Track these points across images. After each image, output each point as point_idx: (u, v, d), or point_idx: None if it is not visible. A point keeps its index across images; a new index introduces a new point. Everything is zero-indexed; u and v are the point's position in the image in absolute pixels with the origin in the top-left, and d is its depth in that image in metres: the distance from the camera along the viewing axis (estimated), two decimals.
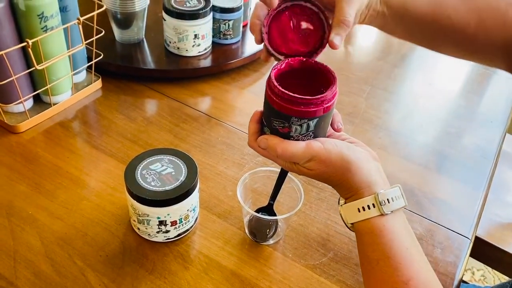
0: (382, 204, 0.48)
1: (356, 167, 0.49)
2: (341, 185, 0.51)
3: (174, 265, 0.60)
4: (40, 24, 0.70)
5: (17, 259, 0.58)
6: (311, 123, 0.48)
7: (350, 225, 0.51)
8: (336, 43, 0.49)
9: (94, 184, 0.69)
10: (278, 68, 0.49)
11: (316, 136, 0.50)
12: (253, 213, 0.60)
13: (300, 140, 0.49)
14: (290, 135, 0.49)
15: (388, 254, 0.47)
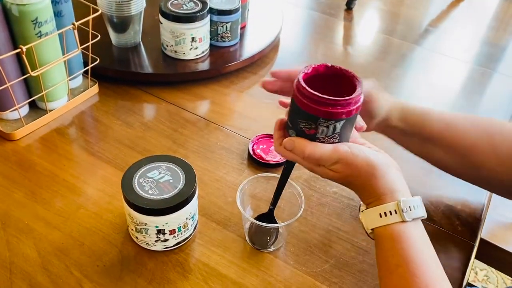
0: (404, 211, 0.49)
1: (380, 172, 0.50)
2: (364, 190, 0.52)
3: (173, 274, 0.58)
4: (34, 30, 0.69)
5: (13, 271, 0.57)
6: (337, 124, 0.49)
7: (370, 230, 0.52)
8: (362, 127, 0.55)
9: (91, 192, 0.68)
10: (305, 72, 0.51)
11: (341, 139, 0.51)
12: (253, 220, 0.59)
13: (325, 142, 0.50)
14: (316, 136, 0.50)
15: (407, 259, 0.47)
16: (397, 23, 1.24)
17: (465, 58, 1.11)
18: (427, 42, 1.16)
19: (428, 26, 1.24)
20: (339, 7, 1.25)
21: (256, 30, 1.04)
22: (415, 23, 1.24)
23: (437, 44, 1.15)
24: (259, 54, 0.97)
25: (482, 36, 1.24)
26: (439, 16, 1.31)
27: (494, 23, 1.31)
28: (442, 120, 0.61)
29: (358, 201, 0.70)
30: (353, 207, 0.69)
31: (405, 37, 1.15)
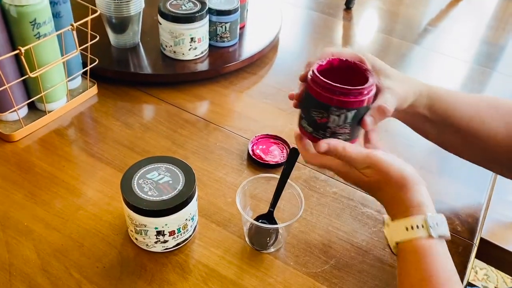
0: (431, 226, 0.48)
1: (411, 185, 0.50)
2: (393, 200, 0.51)
3: (173, 275, 0.58)
4: (33, 31, 0.69)
5: (13, 273, 0.57)
6: (349, 114, 0.50)
7: (395, 244, 0.50)
8: (368, 123, 0.52)
9: (91, 193, 0.68)
10: (320, 64, 0.52)
11: (352, 130, 0.52)
12: (252, 221, 0.59)
13: (336, 132, 0.52)
14: (327, 125, 0.51)
15: (432, 274, 0.47)
16: (396, 23, 1.24)
17: (464, 58, 1.11)
18: (426, 42, 1.16)
19: (427, 26, 1.24)
20: (338, 7, 1.25)
21: (255, 30, 1.04)
22: (414, 23, 1.24)
23: (436, 44, 1.15)
24: (258, 54, 0.97)
25: (481, 35, 1.24)
26: (438, 16, 1.31)
27: (493, 22, 1.31)
28: (469, 109, 0.60)
29: (358, 201, 0.70)
30: (352, 207, 0.69)
31: (404, 37, 1.15)
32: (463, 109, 0.60)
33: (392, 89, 0.54)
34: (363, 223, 0.67)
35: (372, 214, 0.68)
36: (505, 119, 0.59)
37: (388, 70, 0.56)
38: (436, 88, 0.60)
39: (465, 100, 0.61)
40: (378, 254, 0.63)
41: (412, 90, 0.57)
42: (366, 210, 0.69)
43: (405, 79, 0.57)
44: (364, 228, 0.66)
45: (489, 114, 0.60)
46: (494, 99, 0.62)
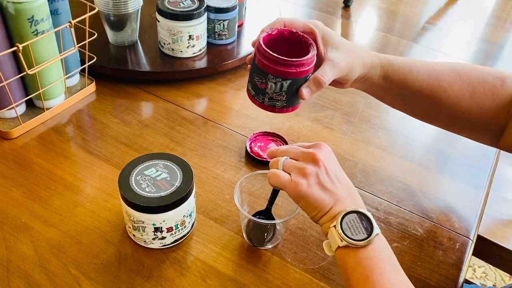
0: (345, 235, 0.49)
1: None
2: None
3: (170, 272, 0.58)
4: (31, 28, 0.69)
5: (10, 269, 0.57)
6: (284, 83, 0.54)
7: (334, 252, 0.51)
8: (304, 94, 0.55)
9: (89, 190, 0.68)
10: (269, 33, 0.55)
11: (288, 98, 0.55)
12: (250, 217, 0.59)
13: (274, 98, 0.55)
14: (265, 91, 0.55)
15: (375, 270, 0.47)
16: (394, 21, 1.24)
17: (463, 56, 1.11)
18: (424, 40, 1.16)
19: (425, 24, 1.24)
20: (336, 5, 1.25)
21: (253, 28, 1.04)
22: (413, 21, 1.24)
23: (435, 42, 1.15)
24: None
25: (479, 33, 1.24)
26: (436, 14, 1.31)
27: (492, 20, 1.31)
28: (428, 77, 0.60)
29: None
30: None
31: (403, 35, 1.15)
32: (420, 78, 0.60)
33: (334, 61, 0.56)
34: None
35: (369, 210, 0.68)
36: (469, 87, 0.59)
37: (336, 41, 0.57)
38: (391, 58, 0.61)
39: (423, 68, 0.61)
40: None
41: (360, 61, 0.59)
42: None
43: (354, 51, 0.58)
44: None
45: (451, 81, 0.60)
46: (456, 66, 0.61)
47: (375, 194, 0.71)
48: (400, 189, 0.72)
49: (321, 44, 0.57)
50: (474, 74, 0.60)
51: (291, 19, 0.57)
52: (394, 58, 0.61)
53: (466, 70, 0.60)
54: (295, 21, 0.57)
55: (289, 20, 0.57)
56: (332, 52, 0.57)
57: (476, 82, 0.59)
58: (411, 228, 0.67)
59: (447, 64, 0.62)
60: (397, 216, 0.68)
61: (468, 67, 0.61)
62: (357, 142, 0.81)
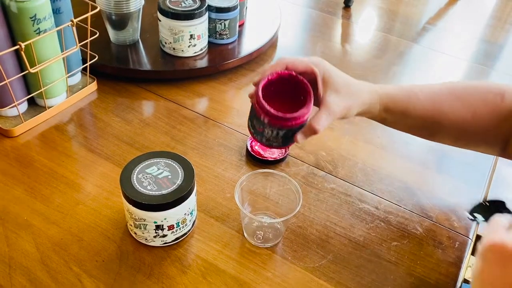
0: None
1: None
2: None
3: (171, 269, 0.59)
4: (33, 27, 0.69)
5: (12, 266, 0.58)
6: (280, 131, 0.57)
7: None
8: (298, 139, 0.57)
9: (90, 188, 0.68)
10: (269, 78, 0.57)
11: (284, 141, 0.58)
12: (251, 216, 0.60)
13: (270, 140, 0.58)
14: (263, 134, 0.58)
15: None
16: (395, 21, 1.24)
17: (463, 56, 1.11)
18: (425, 40, 1.16)
19: (426, 24, 1.24)
20: (337, 5, 1.25)
21: (254, 28, 1.05)
22: (413, 21, 1.25)
23: (435, 42, 1.16)
24: (257, 51, 0.98)
25: (480, 34, 1.24)
26: (437, 14, 1.31)
27: (492, 21, 1.32)
28: (428, 106, 0.61)
29: (355, 197, 0.70)
30: (350, 203, 0.70)
31: (403, 35, 1.15)
32: (420, 106, 0.61)
33: (330, 107, 0.57)
34: (361, 218, 0.67)
35: (369, 210, 0.69)
36: (470, 109, 0.60)
37: (336, 83, 0.58)
38: (390, 92, 0.62)
39: (422, 96, 0.61)
40: (375, 249, 0.63)
41: (359, 101, 0.60)
42: (363, 206, 0.69)
43: (354, 93, 0.59)
44: (361, 223, 0.67)
45: (451, 104, 0.60)
46: (456, 88, 0.62)
47: (375, 193, 0.72)
48: (400, 189, 0.73)
49: (320, 85, 0.58)
50: (474, 94, 0.60)
51: (293, 60, 0.58)
52: (394, 91, 0.62)
53: (465, 92, 0.61)
54: (297, 62, 0.58)
55: (291, 61, 0.58)
56: (331, 96, 0.58)
57: (476, 103, 0.60)
58: (411, 227, 0.67)
59: (447, 87, 0.62)
60: (397, 215, 0.68)
61: (467, 88, 0.62)
62: (357, 141, 0.81)
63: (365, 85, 0.61)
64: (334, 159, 0.77)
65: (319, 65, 0.59)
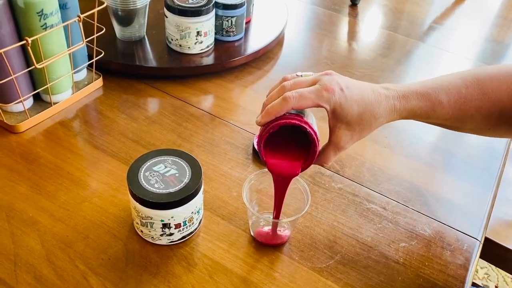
0: None
1: None
2: None
3: (178, 268, 0.58)
4: (40, 22, 0.68)
5: (18, 263, 0.57)
6: None
7: None
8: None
9: (96, 185, 0.68)
10: (270, 132, 0.53)
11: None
12: (258, 215, 0.59)
13: None
14: None
15: None
16: (401, 20, 1.23)
17: (469, 55, 1.10)
18: (431, 39, 1.16)
19: (432, 23, 1.23)
20: (343, 3, 1.24)
21: (261, 25, 1.04)
22: (419, 20, 1.24)
23: (441, 41, 1.15)
24: (264, 49, 0.97)
25: (486, 33, 1.23)
26: (443, 13, 1.30)
27: (498, 20, 1.31)
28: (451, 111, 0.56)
29: (363, 197, 0.70)
30: (357, 203, 0.69)
31: (409, 34, 1.15)
32: (444, 113, 0.56)
33: (339, 144, 0.55)
34: (368, 219, 0.67)
35: (377, 210, 0.68)
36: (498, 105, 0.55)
37: (347, 116, 0.53)
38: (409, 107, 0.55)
39: (447, 103, 0.55)
40: (383, 250, 0.63)
41: (372, 130, 0.56)
42: (371, 206, 0.69)
43: (367, 123, 0.54)
44: (369, 224, 0.66)
45: (479, 105, 0.55)
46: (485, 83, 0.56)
47: (382, 193, 0.71)
48: (407, 189, 0.72)
49: (331, 118, 0.54)
50: (504, 89, 0.55)
51: (299, 101, 0.51)
52: (416, 104, 0.55)
53: (494, 86, 0.56)
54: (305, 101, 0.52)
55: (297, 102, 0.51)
56: (341, 130, 0.54)
57: (506, 97, 0.55)
58: (419, 228, 0.66)
59: (475, 84, 0.56)
60: (405, 216, 0.68)
61: (496, 80, 0.56)
62: (364, 141, 0.80)
63: (382, 107, 0.54)
64: (341, 159, 0.76)
65: (331, 98, 0.52)
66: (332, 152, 0.56)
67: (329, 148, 0.56)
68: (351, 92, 0.53)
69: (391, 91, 0.55)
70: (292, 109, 0.52)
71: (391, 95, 0.55)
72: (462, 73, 0.58)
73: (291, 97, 0.51)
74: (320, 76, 0.54)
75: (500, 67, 0.57)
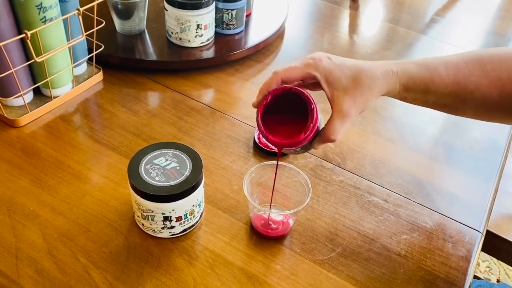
0: None
1: None
2: None
3: (179, 261, 0.58)
4: (39, 15, 0.68)
5: (19, 257, 0.57)
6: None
7: None
8: (317, 147, 0.56)
9: (97, 179, 0.68)
10: (264, 103, 0.53)
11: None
12: (259, 207, 0.59)
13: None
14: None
15: None
16: (403, 12, 1.22)
17: (471, 48, 1.10)
18: (433, 32, 1.15)
19: (434, 16, 1.23)
20: None
21: (261, 18, 1.03)
22: (421, 12, 1.23)
23: (443, 34, 1.14)
24: (264, 42, 0.97)
25: (488, 26, 1.22)
26: (445, 6, 1.29)
27: (501, 13, 1.30)
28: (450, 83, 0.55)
29: (364, 189, 0.70)
30: (359, 196, 0.69)
31: (411, 26, 1.14)
32: (443, 85, 0.55)
33: (342, 111, 0.53)
34: (370, 211, 0.67)
35: (378, 203, 0.68)
36: (498, 84, 0.54)
37: (341, 81, 0.52)
38: (407, 71, 0.55)
39: (446, 74, 0.55)
40: (385, 243, 0.63)
41: (374, 93, 0.54)
42: (372, 199, 0.69)
43: (365, 85, 0.53)
44: (370, 216, 0.66)
45: (478, 81, 0.55)
46: (483, 61, 0.55)
47: (384, 186, 0.71)
48: (409, 181, 0.72)
49: (326, 87, 0.53)
50: (504, 68, 0.55)
51: (286, 71, 0.53)
52: (414, 69, 0.55)
53: (494, 64, 0.55)
54: (291, 70, 0.53)
55: (285, 72, 0.53)
56: (340, 98, 0.52)
57: (506, 77, 0.54)
58: (421, 220, 0.66)
59: (474, 60, 0.56)
60: (407, 208, 0.68)
61: (496, 59, 0.56)
62: (365, 133, 0.81)
63: (377, 69, 0.54)
64: (343, 152, 0.76)
65: (319, 65, 0.52)
66: (338, 122, 0.53)
67: (334, 118, 0.53)
68: (341, 60, 0.54)
69: (386, 61, 0.56)
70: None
71: (386, 62, 0.56)
72: (462, 53, 0.58)
73: (279, 69, 0.53)
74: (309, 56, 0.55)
75: (501, 49, 0.57)
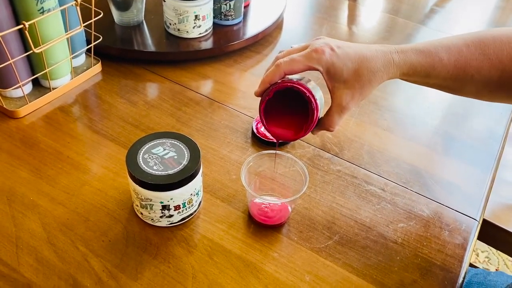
0: None
1: None
2: None
3: (178, 249, 0.59)
4: (37, 6, 0.68)
5: (19, 246, 0.58)
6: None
7: None
8: (314, 134, 0.59)
9: (96, 169, 0.68)
10: (266, 99, 0.54)
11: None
12: (257, 196, 0.59)
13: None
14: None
15: None
16: (402, 3, 1.22)
17: None
18: (432, 22, 1.15)
19: (433, 6, 1.22)
20: None
21: (259, 9, 1.03)
22: (420, 3, 1.23)
23: (443, 24, 1.14)
24: (263, 33, 0.97)
25: (488, 16, 1.22)
26: None
27: (501, 3, 1.30)
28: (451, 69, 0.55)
29: (362, 179, 0.70)
30: (356, 185, 0.69)
31: (410, 17, 1.14)
32: (445, 72, 0.55)
33: (341, 104, 0.54)
34: (367, 200, 0.67)
35: (375, 191, 0.68)
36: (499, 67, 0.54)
37: (342, 73, 0.53)
38: (408, 60, 0.54)
39: (448, 60, 0.55)
40: (382, 231, 0.63)
41: (373, 84, 0.55)
42: (369, 188, 0.69)
43: (365, 76, 0.53)
44: (367, 205, 0.66)
45: (479, 65, 0.54)
46: (486, 43, 0.55)
47: (381, 175, 0.71)
48: (406, 171, 0.72)
49: (327, 80, 0.54)
50: (506, 50, 0.54)
51: (289, 64, 0.53)
52: (415, 58, 0.54)
53: (495, 46, 0.54)
54: (295, 64, 0.53)
55: (288, 66, 0.53)
56: (340, 89, 0.54)
57: (507, 59, 0.54)
58: (417, 209, 0.67)
59: (476, 43, 0.55)
60: (404, 197, 0.68)
61: (498, 40, 0.55)
62: (363, 123, 0.81)
63: (379, 60, 0.54)
64: (340, 141, 0.76)
65: (321, 58, 0.52)
66: (336, 115, 0.55)
67: (332, 110, 0.55)
68: (343, 50, 0.53)
69: (388, 47, 0.55)
70: (287, 76, 0.54)
71: (388, 50, 0.55)
72: (464, 34, 0.57)
73: (282, 62, 0.53)
74: (311, 41, 0.55)
75: (504, 29, 0.56)
